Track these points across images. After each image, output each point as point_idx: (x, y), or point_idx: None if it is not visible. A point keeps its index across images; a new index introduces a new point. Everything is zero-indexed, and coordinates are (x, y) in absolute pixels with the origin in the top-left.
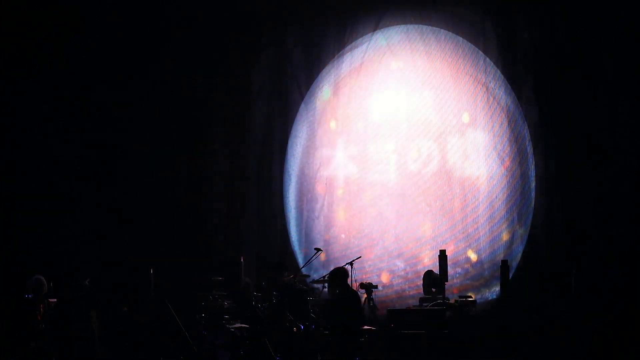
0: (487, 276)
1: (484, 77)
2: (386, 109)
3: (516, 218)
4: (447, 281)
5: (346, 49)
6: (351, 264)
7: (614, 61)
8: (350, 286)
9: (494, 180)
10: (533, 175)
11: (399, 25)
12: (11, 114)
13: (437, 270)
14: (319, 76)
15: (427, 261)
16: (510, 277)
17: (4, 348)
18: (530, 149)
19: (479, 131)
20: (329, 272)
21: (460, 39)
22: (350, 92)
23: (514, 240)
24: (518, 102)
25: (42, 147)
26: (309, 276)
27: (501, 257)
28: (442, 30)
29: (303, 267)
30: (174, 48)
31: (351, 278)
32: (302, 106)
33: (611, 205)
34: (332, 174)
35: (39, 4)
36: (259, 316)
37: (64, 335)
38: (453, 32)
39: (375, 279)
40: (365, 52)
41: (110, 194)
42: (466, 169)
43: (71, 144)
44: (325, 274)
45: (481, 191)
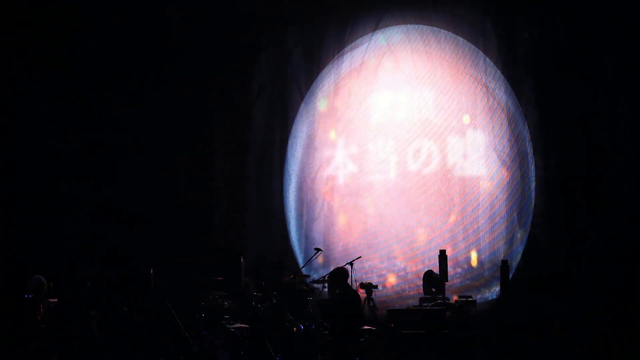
0: (487, 276)
1: (484, 77)
2: (386, 109)
3: (516, 218)
4: (447, 281)
5: (346, 49)
6: (351, 264)
7: (614, 61)
8: (350, 286)
9: (494, 181)
10: (533, 176)
11: (399, 25)
12: (11, 114)
13: (437, 270)
14: (319, 76)
15: (427, 261)
16: (510, 277)
17: (4, 348)
18: (530, 149)
19: (479, 131)
20: (329, 272)
21: (460, 39)
22: (350, 92)
23: (514, 241)
24: (518, 102)
25: (42, 147)
26: (309, 276)
27: (501, 257)
28: (442, 30)
29: (303, 267)
30: (174, 48)
31: (351, 278)
32: (302, 106)
33: (611, 205)
34: (332, 174)
35: (39, 4)
36: (259, 316)
37: (64, 335)
38: (453, 32)
39: (375, 279)
40: (365, 52)
41: (110, 194)
42: (466, 169)
43: (71, 144)
44: (325, 274)
45: (481, 191)
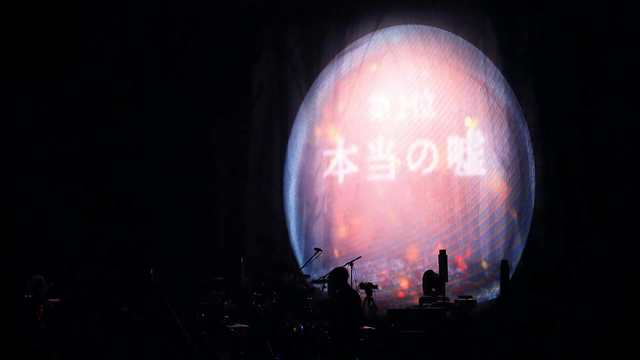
0: (487, 276)
1: (484, 77)
2: (386, 109)
3: (516, 218)
4: (447, 281)
5: (346, 49)
6: (351, 264)
7: (614, 61)
8: (350, 286)
9: (494, 181)
10: (533, 176)
11: (399, 25)
12: (11, 114)
13: (437, 270)
14: (319, 76)
15: (427, 261)
16: (510, 277)
17: (4, 348)
18: (530, 149)
19: (479, 131)
20: (329, 272)
21: (460, 39)
22: (351, 92)
23: (514, 241)
24: (518, 102)
25: (42, 147)
26: (309, 276)
27: (501, 257)
28: (442, 30)
29: (303, 267)
30: (174, 48)
31: (351, 278)
32: (302, 106)
33: (611, 205)
34: (332, 174)
35: (39, 4)
36: (259, 316)
37: (64, 335)
38: (453, 32)
39: (375, 279)
40: (365, 52)
41: (110, 194)
42: (466, 169)
43: (71, 144)
44: (325, 273)
45: (481, 191)
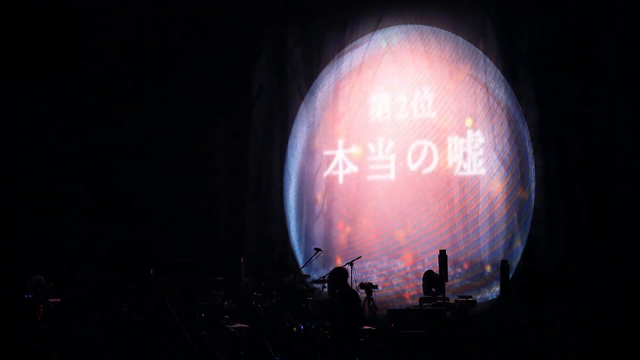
0: (487, 276)
1: (484, 77)
2: (386, 109)
3: (516, 218)
4: (447, 281)
5: (346, 49)
6: (351, 264)
7: (614, 61)
8: (350, 286)
9: (494, 181)
10: (533, 176)
11: (399, 25)
12: (11, 114)
13: (437, 270)
14: (319, 76)
15: (427, 261)
16: (510, 277)
17: (4, 348)
18: (530, 149)
19: (479, 131)
20: (329, 272)
21: (460, 39)
22: (351, 92)
23: (514, 241)
24: (518, 102)
25: (42, 147)
26: (309, 276)
27: (501, 257)
28: (442, 30)
29: (303, 267)
30: (174, 48)
31: (351, 278)
32: (302, 106)
33: (611, 205)
34: (332, 174)
35: (39, 4)
36: (259, 316)
37: (64, 335)
38: (453, 32)
39: (375, 279)
40: (365, 52)
41: (110, 194)
42: (466, 169)
43: (71, 144)
44: (325, 273)
45: (481, 191)
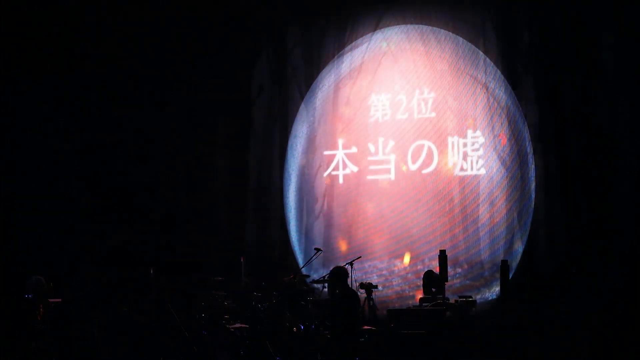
0: (487, 276)
1: (484, 77)
2: (386, 108)
3: (516, 218)
4: (447, 281)
5: (346, 49)
6: (351, 264)
7: (614, 61)
8: (350, 286)
9: (494, 181)
10: (533, 175)
11: (399, 25)
12: (11, 114)
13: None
14: (319, 76)
15: (427, 261)
16: (510, 277)
17: (4, 348)
18: (530, 149)
19: (479, 131)
20: (330, 271)
21: (460, 39)
22: (350, 92)
23: (514, 240)
24: (518, 102)
25: (42, 147)
26: (309, 276)
27: (501, 257)
28: (442, 30)
29: (303, 267)
30: (173, 48)
31: (351, 278)
32: (302, 106)
33: (611, 205)
34: (332, 174)
35: (39, 4)
36: (259, 316)
37: (64, 335)
38: (453, 32)
39: (375, 279)
40: (365, 52)
41: (110, 194)
42: (466, 169)
43: (71, 144)
44: (325, 273)
45: (481, 191)
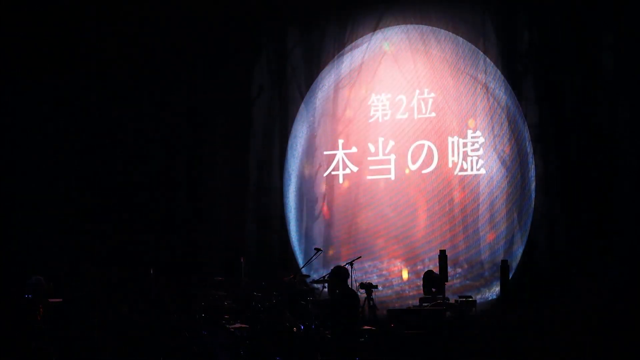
0: (487, 276)
1: (484, 77)
2: (386, 109)
3: (516, 218)
4: (447, 281)
5: (346, 49)
6: (351, 264)
7: (614, 61)
8: (350, 286)
9: (494, 181)
10: (533, 175)
11: (399, 25)
12: (11, 114)
13: (437, 271)
14: (319, 76)
15: (427, 261)
16: (510, 277)
17: (4, 348)
18: (530, 149)
19: (479, 131)
20: (331, 270)
21: (460, 39)
22: (350, 92)
23: (514, 241)
24: (518, 102)
25: (42, 147)
26: (309, 276)
27: (501, 257)
28: (442, 30)
29: (303, 267)
30: (174, 48)
31: (351, 278)
32: (302, 106)
33: (611, 205)
34: (332, 174)
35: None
36: (259, 316)
37: (64, 335)
38: (453, 32)
39: (375, 279)
40: (365, 52)
41: (110, 194)
42: (466, 169)
43: (71, 144)
44: (325, 273)
45: (481, 191)
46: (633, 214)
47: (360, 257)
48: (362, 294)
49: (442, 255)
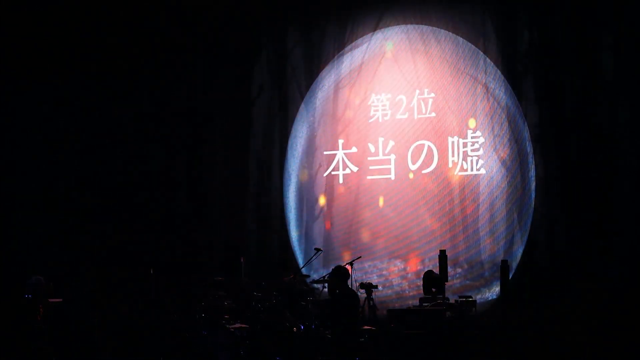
0: (487, 276)
1: (484, 77)
2: (386, 109)
3: (516, 218)
4: (447, 281)
5: (346, 49)
6: (351, 264)
7: (614, 61)
8: (350, 286)
9: (494, 181)
10: (533, 176)
11: (399, 25)
12: (11, 114)
13: (437, 271)
14: (319, 76)
15: (427, 261)
16: (510, 277)
17: (4, 348)
18: (530, 149)
19: (478, 131)
20: (331, 270)
21: (460, 39)
22: (350, 92)
23: (514, 241)
24: (518, 102)
25: (42, 147)
26: (309, 276)
27: (501, 257)
28: (442, 30)
29: (303, 267)
30: (174, 48)
31: (351, 278)
32: (302, 106)
33: (611, 205)
34: (332, 174)
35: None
36: (259, 316)
37: (64, 335)
38: (453, 32)
39: (375, 279)
40: (365, 52)
41: (110, 194)
42: (466, 169)
43: (71, 144)
44: (325, 273)
45: (481, 192)
46: (633, 214)
47: (360, 257)
48: (362, 294)
49: (442, 255)
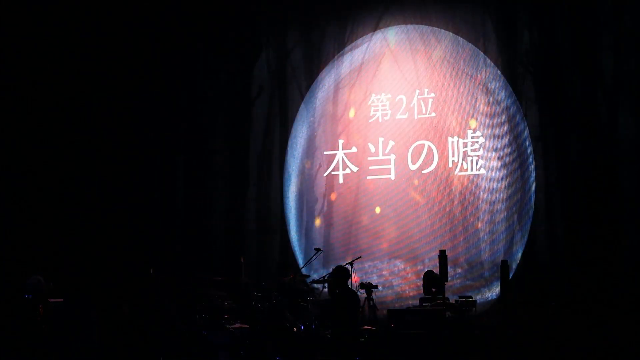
0: (487, 276)
1: (484, 77)
2: (386, 109)
3: (516, 218)
4: (447, 281)
5: (346, 49)
6: (351, 264)
7: (614, 61)
8: (350, 287)
9: (494, 181)
10: (533, 176)
11: (399, 25)
12: (11, 114)
13: (437, 271)
14: (319, 76)
15: (427, 261)
16: (510, 277)
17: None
18: (530, 149)
19: (479, 131)
20: (331, 270)
21: (460, 39)
22: (351, 92)
23: (514, 241)
24: (518, 102)
25: (42, 147)
26: (309, 276)
27: (501, 258)
28: (442, 30)
29: (303, 267)
30: (174, 48)
31: (351, 278)
32: (302, 106)
33: (611, 205)
34: (332, 174)
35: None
36: (259, 316)
37: (64, 335)
38: (453, 32)
39: (375, 279)
40: (365, 52)
41: (110, 194)
42: (466, 169)
43: (71, 144)
44: (325, 273)
45: (481, 191)
46: (633, 214)
47: (360, 257)
48: (362, 294)
49: (442, 255)
